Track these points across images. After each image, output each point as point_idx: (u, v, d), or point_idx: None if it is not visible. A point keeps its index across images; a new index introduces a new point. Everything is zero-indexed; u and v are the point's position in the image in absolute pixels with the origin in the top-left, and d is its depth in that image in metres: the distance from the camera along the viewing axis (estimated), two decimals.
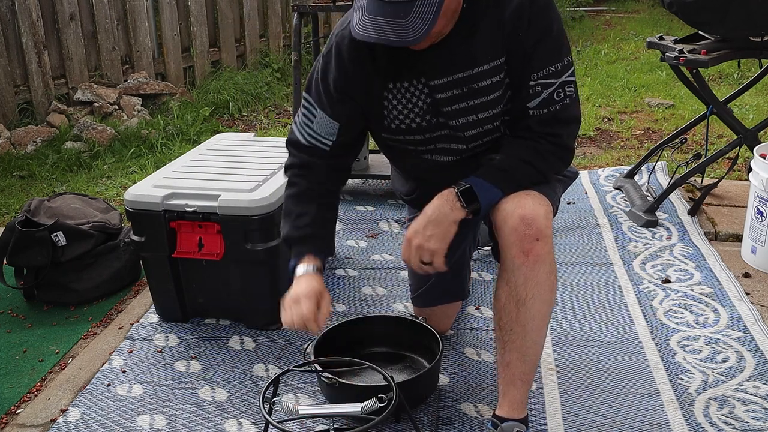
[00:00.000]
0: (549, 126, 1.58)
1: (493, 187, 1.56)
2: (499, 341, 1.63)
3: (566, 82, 1.57)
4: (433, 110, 1.62)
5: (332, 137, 1.69)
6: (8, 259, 2.44)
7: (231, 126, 4.68)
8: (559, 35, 1.57)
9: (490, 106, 1.61)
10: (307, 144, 1.71)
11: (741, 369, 2.00)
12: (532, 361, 1.63)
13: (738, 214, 2.94)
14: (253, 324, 2.27)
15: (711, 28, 2.78)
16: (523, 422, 1.65)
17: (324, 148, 1.70)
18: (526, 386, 1.65)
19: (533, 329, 1.59)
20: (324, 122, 1.68)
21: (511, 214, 1.53)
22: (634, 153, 3.86)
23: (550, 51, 1.55)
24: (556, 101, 1.57)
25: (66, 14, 4.43)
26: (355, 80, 1.62)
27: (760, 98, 4.69)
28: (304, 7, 3.05)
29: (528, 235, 1.51)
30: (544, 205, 1.55)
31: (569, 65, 1.58)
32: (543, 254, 1.53)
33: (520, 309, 1.56)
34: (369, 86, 1.63)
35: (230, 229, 2.12)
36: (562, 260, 2.64)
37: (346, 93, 1.64)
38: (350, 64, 1.61)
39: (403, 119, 1.65)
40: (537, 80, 1.56)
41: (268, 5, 5.75)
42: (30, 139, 4.09)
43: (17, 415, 1.93)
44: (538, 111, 1.57)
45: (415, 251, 1.58)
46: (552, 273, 1.56)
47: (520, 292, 1.55)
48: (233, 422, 1.85)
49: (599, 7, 8.41)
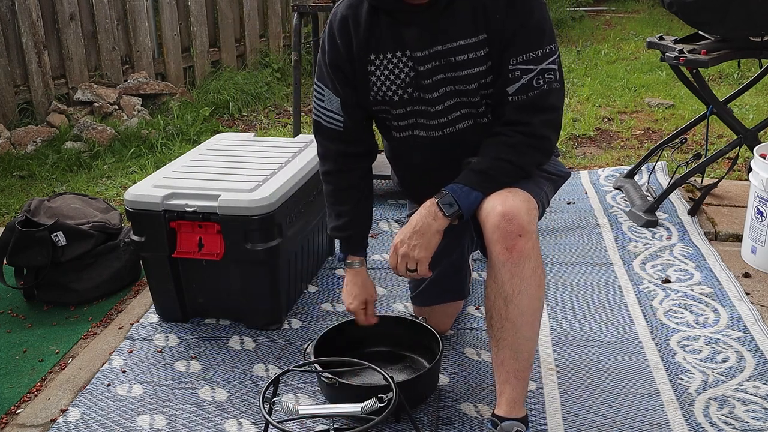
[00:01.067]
0: (522, 114, 1.61)
1: (472, 191, 1.59)
2: (492, 339, 1.64)
3: (546, 69, 1.60)
4: (415, 83, 1.68)
5: (340, 111, 1.79)
6: (8, 259, 2.44)
7: (231, 126, 4.68)
8: (541, 22, 1.61)
9: (468, 81, 1.65)
10: (326, 125, 1.82)
11: (741, 369, 2.00)
12: (526, 357, 1.63)
13: (738, 214, 2.94)
14: (253, 324, 2.27)
15: (711, 28, 2.78)
16: (522, 421, 1.65)
17: (339, 128, 1.80)
18: (522, 383, 1.64)
19: (523, 325, 1.59)
20: (330, 99, 1.79)
21: (491, 212, 1.55)
22: (634, 153, 3.86)
23: (531, 37, 1.60)
24: (535, 87, 1.60)
25: (66, 14, 4.43)
26: (343, 52, 1.71)
27: (760, 98, 4.69)
28: (304, 7, 3.05)
29: (510, 231, 1.53)
30: (525, 201, 1.57)
31: (551, 53, 1.61)
32: (527, 250, 1.54)
33: (508, 306, 1.58)
34: (355, 57, 1.71)
35: (230, 229, 2.12)
36: (562, 260, 2.65)
37: (337, 66, 1.73)
38: (339, 37, 1.71)
39: (386, 91, 1.72)
40: (516, 65, 1.60)
41: (268, 5, 5.75)
42: (30, 139, 4.09)
43: (17, 415, 1.93)
44: (517, 96, 1.61)
45: (401, 259, 1.64)
46: (537, 268, 1.57)
47: (506, 288, 1.57)
48: (233, 422, 1.85)
49: (599, 7, 8.41)
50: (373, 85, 1.73)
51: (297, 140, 2.67)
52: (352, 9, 1.70)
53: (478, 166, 1.61)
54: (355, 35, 1.69)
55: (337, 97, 1.77)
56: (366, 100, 1.77)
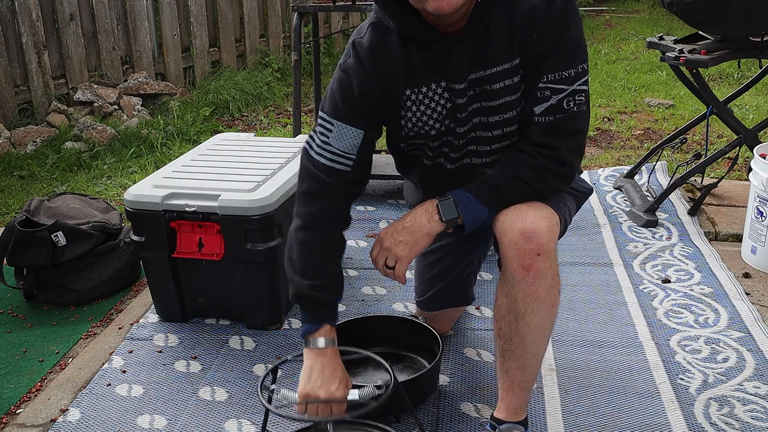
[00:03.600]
0: (549, 137, 1.51)
1: (479, 204, 1.51)
2: (499, 349, 1.61)
3: (578, 91, 1.50)
4: (452, 114, 1.57)
5: (353, 150, 1.57)
6: (8, 259, 2.44)
7: (231, 126, 4.68)
8: (577, 39, 1.50)
9: (502, 110, 1.55)
10: (326, 163, 1.58)
11: (741, 369, 2.00)
12: (532, 370, 1.60)
13: (738, 214, 2.94)
14: (253, 324, 2.27)
15: (711, 28, 2.78)
16: (522, 424, 1.64)
17: (345, 169, 1.58)
18: (525, 393, 1.63)
19: (533, 342, 1.56)
20: (344, 133, 1.57)
21: (510, 228, 1.48)
22: (634, 153, 3.86)
23: (565, 55, 1.49)
24: (565, 110, 1.50)
25: (66, 14, 4.43)
26: (375, 84, 1.56)
27: (760, 98, 4.69)
28: (304, 7, 3.05)
29: (528, 249, 1.46)
30: (547, 218, 1.49)
31: (584, 73, 1.51)
32: (544, 269, 1.48)
33: (519, 322, 1.53)
34: (388, 91, 1.57)
35: (230, 229, 2.12)
36: (562, 260, 2.63)
37: (368, 96, 1.56)
38: (370, 68, 1.55)
39: (422, 126, 1.59)
40: (547, 83, 1.50)
41: (268, 5, 5.75)
42: (30, 139, 4.09)
43: (17, 415, 1.93)
44: (543, 118, 1.51)
45: (381, 252, 1.57)
46: (554, 287, 1.51)
47: (519, 306, 1.52)
48: (233, 422, 1.85)
49: (599, 7, 8.41)
50: (408, 121, 1.60)
51: (297, 140, 2.67)
52: (380, 38, 1.54)
53: (493, 181, 1.52)
54: (389, 68, 1.54)
55: (359, 131, 1.57)
56: (397, 135, 1.64)
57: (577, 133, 1.53)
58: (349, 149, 1.58)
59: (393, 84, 1.56)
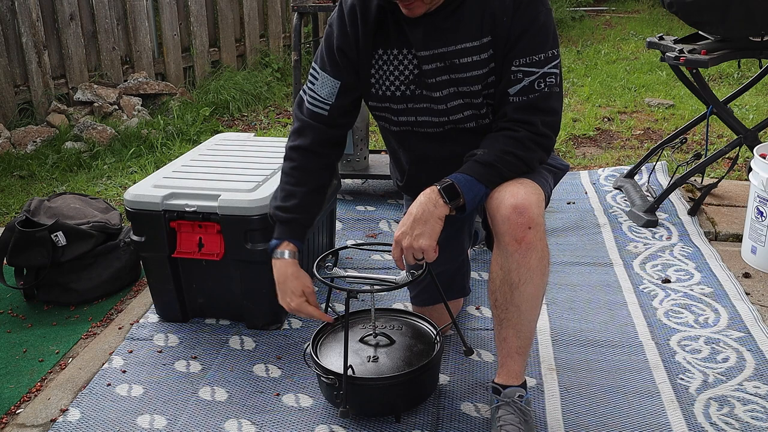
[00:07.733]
0: (524, 113, 1.63)
1: (477, 182, 1.60)
2: (495, 318, 1.72)
3: (548, 73, 1.63)
4: (418, 81, 1.71)
5: (331, 98, 1.79)
6: (8, 259, 2.44)
7: (231, 126, 4.68)
8: (546, 27, 1.63)
9: (472, 82, 1.68)
10: (311, 107, 1.82)
11: (741, 369, 2.00)
12: (528, 336, 1.71)
13: (738, 214, 2.94)
14: (253, 324, 2.27)
15: (711, 28, 2.78)
16: (522, 387, 1.74)
17: (323, 113, 1.80)
18: (523, 358, 1.73)
19: (527, 309, 1.67)
20: (325, 83, 1.78)
21: (503, 203, 1.58)
22: (634, 153, 3.86)
23: (535, 41, 1.62)
24: (536, 90, 1.63)
25: (66, 14, 4.44)
26: (352, 40, 1.73)
27: (760, 98, 4.69)
28: (304, 7, 3.05)
29: (520, 223, 1.56)
30: (535, 194, 1.60)
31: (554, 57, 1.64)
32: (535, 241, 1.58)
33: (513, 292, 1.64)
34: (361, 48, 1.73)
35: (230, 229, 2.12)
36: (562, 260, 2.64)
37: (344, 52, 1.74)
38: (349, 25, 1.73)
39: (389, 86, 1.74)
40: (519, 67, 1.63)
41: (268, 5, 5.75)
42: (30, 139, 4.09)
43: (17, 415, 1.93)
44: (517, 98, 1.64)
45: (406, 252, 1.62)
46: (543, 258, 1.62)
47: (513, 277, 1.62)
48: (233, 422, 1.85)
49: (599, 7, 8.41)
50: (376, 81, 1.76)
51: None
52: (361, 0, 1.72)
53: (485, 158, 1.61)
54: (362, 27, 1.71)
55: (336, 81, 1.77)
56: (367, 92, 1.79)
57: (550, 111, 1.66)
58: (327, 96, 1.79)
59: (366, 43, 1.72)
